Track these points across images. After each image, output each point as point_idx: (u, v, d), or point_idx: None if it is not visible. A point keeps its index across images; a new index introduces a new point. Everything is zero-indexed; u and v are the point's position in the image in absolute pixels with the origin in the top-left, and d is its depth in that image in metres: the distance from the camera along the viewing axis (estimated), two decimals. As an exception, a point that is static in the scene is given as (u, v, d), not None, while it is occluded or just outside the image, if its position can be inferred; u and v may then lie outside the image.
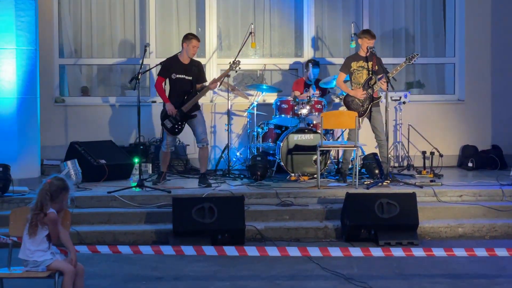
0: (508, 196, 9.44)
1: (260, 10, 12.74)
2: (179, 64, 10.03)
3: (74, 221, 8.27)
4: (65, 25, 12.48)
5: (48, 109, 11.87)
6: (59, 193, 5.70)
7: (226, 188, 9.73)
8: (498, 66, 12.57)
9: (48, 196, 5.64)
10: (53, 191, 5.66)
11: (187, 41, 10.02)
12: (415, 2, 12.97)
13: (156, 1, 12.45)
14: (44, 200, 5.63)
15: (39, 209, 5.62)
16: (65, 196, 5.76)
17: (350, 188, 9.57)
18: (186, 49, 10.02)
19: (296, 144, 10.69)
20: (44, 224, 5.61)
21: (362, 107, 10.19)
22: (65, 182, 5.80)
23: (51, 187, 5.67)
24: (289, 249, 6.55)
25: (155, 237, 8.44)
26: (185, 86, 10.02)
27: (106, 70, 12.78)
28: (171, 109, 9.91)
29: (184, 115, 9.95)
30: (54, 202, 5.67)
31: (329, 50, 12.83)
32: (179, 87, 10.01)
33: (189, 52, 10.01)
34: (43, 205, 5.61)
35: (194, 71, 10.04)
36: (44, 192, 5.65)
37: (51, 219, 5.61)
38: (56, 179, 5.76)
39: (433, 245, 8.05)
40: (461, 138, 12.51)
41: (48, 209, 5.62)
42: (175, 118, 9.94)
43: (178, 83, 10.01)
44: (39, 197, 5.65)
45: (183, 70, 10.00)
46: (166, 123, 9.99)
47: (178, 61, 10.06)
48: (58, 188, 5.70)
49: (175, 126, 9.99)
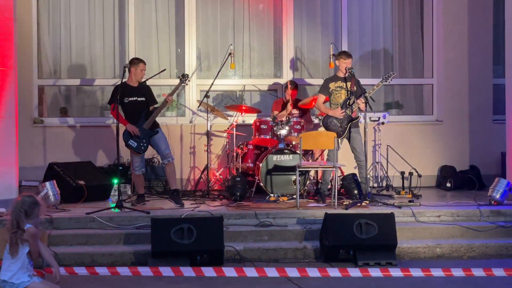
0: (485, 216, 9.49)
1: (239, 31, 12.79)
2: (129, 88, 10.11)
3: (52, 242, 8.31)
4: (44, 46, 12.46)
5: (26, 129, 11.83)
6: (33, 208, 5.69)
7: (205, 208, 9.71)
8: (476, 87, 12.68)
9: (22, 214, 5.62)
10: (27, 208, 5.66)
11: (134, 66, 10.12)
12: (394, 23, 13.08)
13: (135, 22, 12.48)
14: (19, 218, 5.60)
15: (16, 227, 5.58)
16: (38, 210, 5.76)
17: (329, 208, 9.58)
18: (134, 73, 10.12)
19: (276, 165, 10.70)
20: (24, 241, 5.57)
21: (341, 127, 10.23)
22: (34, 198, 5.81)
23: (24, 205, 5.66)
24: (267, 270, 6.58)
25: (133, 258, 8.39)
26: (140, 107, 10.11)
27: (85, 90, 12.76)
28: (132, 129, 9.97)
29: (146, 132, 9.99)
30: (29, 218, 5.65)
31: (308, 71, 12.90)
32: (133, 109, 10.08)
33: (138, 75, 10.13)
34: (19, 222, 5.58)
35: (145, 93, 10.15)
36: (18, 210, 5.63)
37: (31, 233, 5.59)
38: (26, 196, 5.77)
39: (411, 265, 8.06)
40: (440, 158, 12.59)
41: (25, 225, 5.59)
42: (138, 136, 9.97)
43: (132, 105, 10.09)
44: (13, 216, 5.64)
45: (134, 93, 10.09)
46: (131, 143, 10.01)
47: (127, 85, 10.13)
48: (30, 204, 5.70)
49: (140, 144, 10.01)
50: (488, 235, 9.06)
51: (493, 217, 9.51)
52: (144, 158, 10.38)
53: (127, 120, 10.09)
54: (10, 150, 9.98)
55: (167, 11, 12.71)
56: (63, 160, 11.05)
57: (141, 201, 10.13)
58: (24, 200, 5.70)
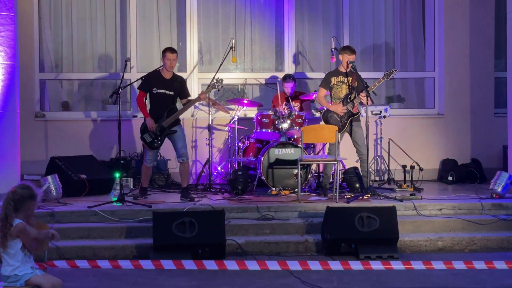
0: (487, 209, 9.50)
1: (241, 24, 12.79)
2: (161, 79, 10.03)
3: (53, 236, 8.29)
4: (45, 40, 12.46)
5: (28, 124, 11.83)
6: (23, 202, 5.48)
7: (207, 202, 9.72)
8: (477, 80, 12.67)
9: (11, 206, 5.43)
10: (17, 200, 5.45)
11: (163, 56, 10.07)
12: (395, 17, 13.07)
13: (137, 16, 12.47)
14: (7, 211, 5.43)
15: (4, 220, 5.44)
16: (30, 204, 5.53)
17: (331, 202, 9.58)
18: (164, 63, 10.04)
19: (277, 158, 10.71)
20: (15, 237, 5.47)
21: (341, 122, 10.24)
22: (30, 190, 5.55)
23: (15, 196, 5.46)
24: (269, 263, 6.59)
25: (135, 252, 8.41)
26: (166, 101, 10.01)
27: (87, 84, 12.75)
28: (151, 124, 9.91)
29: (163, 130, 9.95)
30: (19, 212, 5.46)
31: (310, 65, 12.89)
32: (160, 102, 10.00)
33: (166, 65, 10.02)
34: (7, 216, 5.43)
35: (176, 87, 10.03)
36: (7, 202, 5.45)
37: (19, 229, 5.41)
38: (21, 188, 5.53)
39: (413, 258, 8.08)
40: (441, 152, 12.59)
41: (13, 220, 5.43)
42: (155, 132, 9.93)
43: (158, 98, 10.01)
44: (3, 207, 5.46)
45: (164, 85, 10.00)
46: (146, 137, 9.97)
47: (160, 76, 10.06)
48: (21, 197, 5.47)
49: (154, 140, 9.97)
50: (490, 228, 9.07)
51: (495, 210, 9.52)
52: (157, 153, 10.36)
53: (149, 112, 10.03)
54: (12, 144, 10.01)
55: (168, 5, 12.70)
56: (65, 154, 11.05)
57: (143, 194, 10.13)
58: (16, 192, 5.48)
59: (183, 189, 10.12)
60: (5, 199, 5.48)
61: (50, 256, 7.54)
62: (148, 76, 10.11)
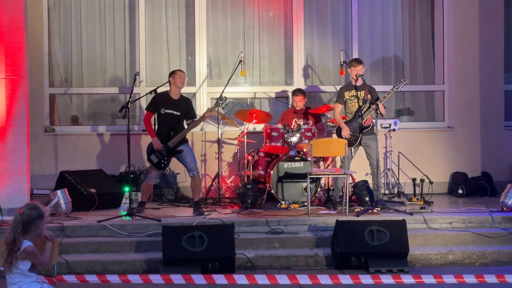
0: (498, 222, 9.45)
1: (250, 38, 12.80)
2: (168, 100, 10.08)
3: (63, 250, 8.31)
4: (55, 55, 12.50)
5: (38, 138, 11.87)
6: (32, 223, 5.48)
7: (216, 216, 9.71)
8: (487, 93, 12.63)
9: (19, 229, 5.43)
10: (25, 222, 5.45)
11: (172, 77, 10.13)
12: (404, 29, 13.06)
13: (146, 30, 12.51)
14: (16, 234, 5.42)
15: (13, 244, 5.42)
16: (39, 224, 5.53)
17: (341, 215, 9.56)
18: (173, 82, 10.09)
19: (287, 172, 10.69)
20: (23, 259, 5.43)
21: (353, 136, 10.25)
22: (38, 210, 5.54)
23: (23, 218, 5.45)
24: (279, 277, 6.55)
25: (145, 266, 8.40)
26: (173, 121, 10.06)
27: (96, 99, 12.78)
28: (157, 144, 9.94)
29: (170, 150, 9.97)
30: (28, 233, 5.47)
31: (319, 78, 12.89)
32: (167, 122, 10.05)
33: (178, 84, 10.07)
34: (16, 239, 5.42)
35: (182, 107, 10.10)
36: (16, 225, 5.44)
37: (28, 252, 5.42)
38: (28, 208, 5.53)
39: (423, 272, 8.03)
40: (451, 165, 12.54)
41: (22, 243, 5.43)
42: (161, 153, 9.95)
43: (166, 118, 10.06)
44: (12, 230, 5.45)
45: (172, 105, 10.06)
46: (152, 158, 10.00)
47: (167, 96, 10.11)
48: (30, 218, 5.48)
49: (161, 161, 9.99)
50: (501, 242, 9.02)
51: (506, 223, 9.47)
52: (161, 172, 10.36)
53: (157, 132, 10.08)
54: (22, 159, 10.01)
55: (177, 19, 12.73)
56: (74, 168, 11.07)
57: (141, 209, 10.12)
58: (25, 213, 5.47)
59: (195, 203, 10.11)
60: (14, 222, 5.47)
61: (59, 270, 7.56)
62: (156, 97, 10.15)
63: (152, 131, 10.06)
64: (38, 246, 5.59)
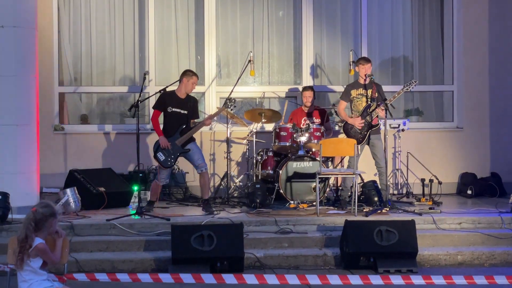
0: (507, 223, 9.43)
1: (259, 38, 12.80)
2: (176, 98, 10.09)
3: (72, 248, 8.33)
4: (65, 53, 12.53)
5: (47, 137, 11.90)
6: (45, 221, 5.53)
7: (225, 215, 9.71)
8: (496, 94, 12.62)
9: (31, 226, 5.47)
10: (38, 220, 5.49)
11: (187, 77, 10.10)
12: (413, 30, 13.05)
13: (155, 29, 12.52)
14: (28, 231, 5.47)
15: (24, 241, 5.47)
16: (52, 222, 5.58)
17: (349, 215, 9.56)
18: (185, 84, 10.08)
19: (295, 172, 10.70)
20: (34, 256, 5.47)
21: (361, 134, 10.24)
22: (51, 208, 5.60)
23: (36, 216, 5.50)
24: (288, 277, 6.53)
25: (154, 265, 8.42)
26: (180, 120, 10.07)
27: (106, 98, 12.81)
28: (164, 142, 9.95)
29: (177, 148, 9.98)
30: (40, 231, 5.51)
31: (328, 78, 12.88)
32: (174, 121, 10.07)
33: (188, 88, 10.09)
34: (28, 237, 5.46)
35: (190, 106, 10.11)
36: (28, 222, 5.48)
37: (40, 250, 5.47)
38: (41, 206, 5.58)
39: (432, 272, 8.03)
40: (460, 165, 12.53)
41: (33, 240, 5.47)
42: (168, 151, 9.96)
43: (173, 116, 10.07)
44: (24, 228, 5.49)
45: (179, 104, 10.07)
46: (159, 155, 10.00)
47: (174, 95, 10.12)
48: (43, 216, 5.52)
49: (168, 159, 9.99)
50: (510, 243, 9.01)
51: (515, 224, 9.47)
52: (171, 171, 10.37)
53: (163, 130, 10.09)
54: (31, 157, 10.04)
55: (186, 19, 12.74)
56: (83, 167, 11.10)
57: (150, 208, 10.14)
58: (38, 211, 5.52)
59: (204, 201, 10.13)
60: (26, 219, 5.51)
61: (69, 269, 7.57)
62: (163, 95, 10.15)
63: (159, 129, 10.08)
64: (49, 245, 5.63)
